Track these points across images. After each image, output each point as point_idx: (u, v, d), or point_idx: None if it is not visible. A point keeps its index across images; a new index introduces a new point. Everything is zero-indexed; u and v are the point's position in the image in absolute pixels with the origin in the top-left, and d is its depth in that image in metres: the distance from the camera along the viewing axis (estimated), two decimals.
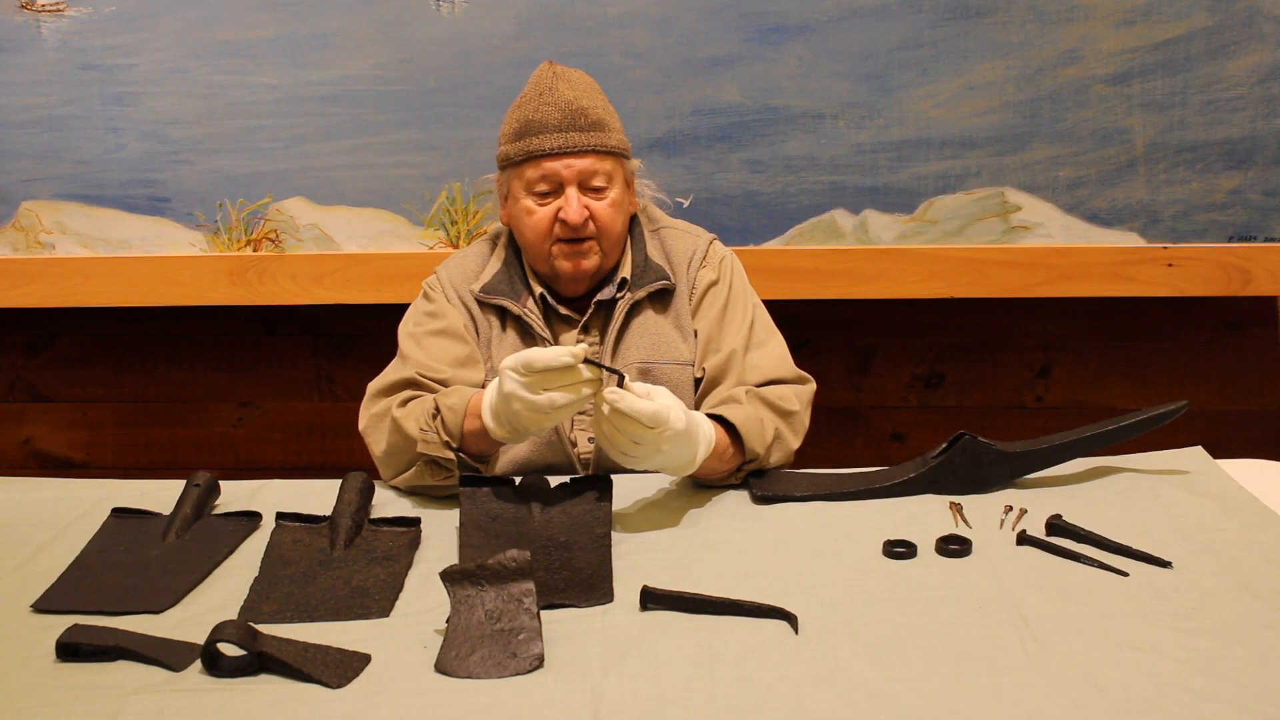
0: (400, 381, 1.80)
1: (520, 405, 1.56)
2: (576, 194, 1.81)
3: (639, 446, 1.55)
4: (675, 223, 1.98)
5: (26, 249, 2.57)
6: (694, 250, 1.92)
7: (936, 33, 2.37)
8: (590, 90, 1.85)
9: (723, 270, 1.92)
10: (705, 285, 1.90)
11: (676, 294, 1.90)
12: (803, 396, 1.84)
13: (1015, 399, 2.71)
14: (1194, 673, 1.19)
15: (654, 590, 1.37)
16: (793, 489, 1.68)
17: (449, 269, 1.94)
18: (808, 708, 1.15)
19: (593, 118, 1.81)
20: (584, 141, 1.80)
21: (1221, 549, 1.46)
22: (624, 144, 1.87)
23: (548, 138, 1.79)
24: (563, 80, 1.83)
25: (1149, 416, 1.69)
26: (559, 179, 1.81)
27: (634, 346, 1.87)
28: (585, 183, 1.81)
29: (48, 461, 2.88)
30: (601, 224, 1.82)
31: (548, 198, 1.82)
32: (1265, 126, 2.38)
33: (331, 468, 2.81)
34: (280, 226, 2.54)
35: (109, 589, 1.45)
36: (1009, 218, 2.46)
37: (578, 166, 1.80)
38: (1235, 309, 2.61)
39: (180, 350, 2.80)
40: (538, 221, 1.82)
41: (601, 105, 1.84)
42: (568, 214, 1.80)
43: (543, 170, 1.80)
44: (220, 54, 2.45)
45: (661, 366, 1.86)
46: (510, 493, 1.62)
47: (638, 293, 1.87)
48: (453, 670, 1.23)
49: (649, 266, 1.89)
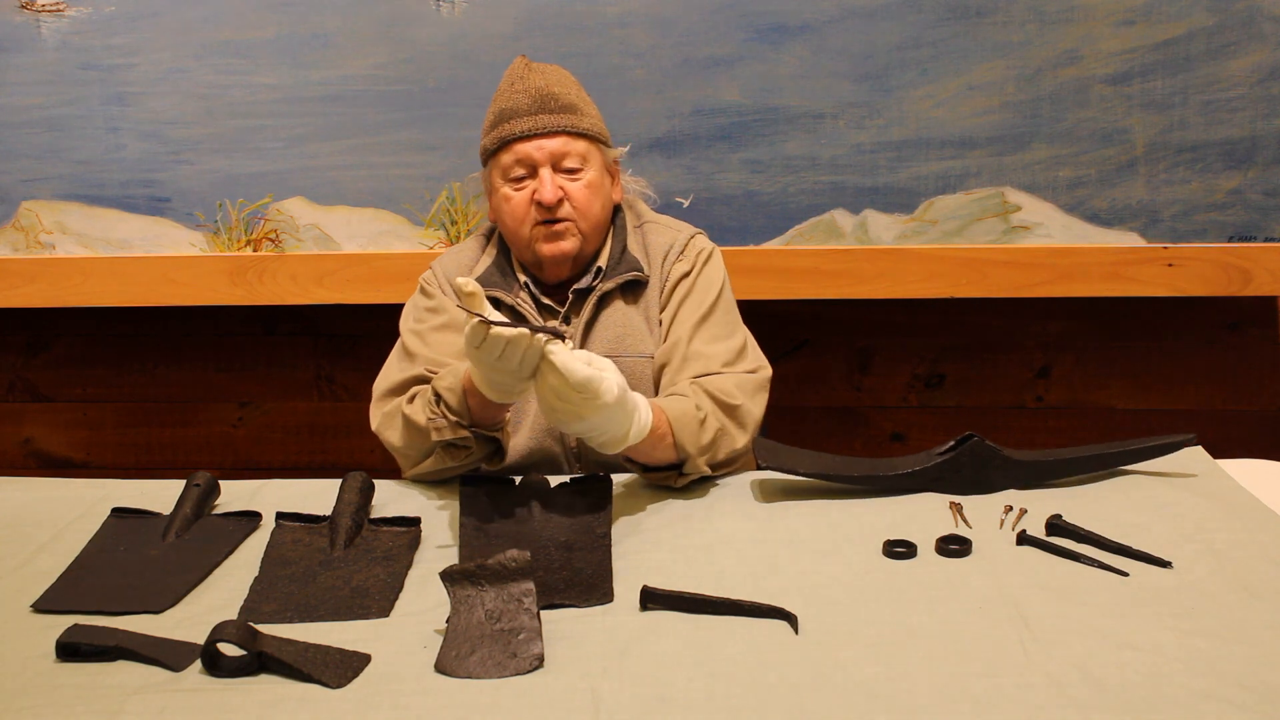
0: (409, 380, 1.81)
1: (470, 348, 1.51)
2: (550, 174, 1.82)
3: (563, 406, 1.50)
4: (660, 218, 1.99)
5: (26, 249, 2.57)
6: (672, 244, 1.93)
7: (936, 33, 2.37)
8: (563, 79, 1.87)
9: (696, 262, 1.91)
10: (677, 277, 1.90)
11: (649, 286, 1.91)
12: (745, 386, 1.79)
13: (1015, 399, 2.71)
14: (1194, 673, 1.19)
15: (654, 590, 1.37)
16: (797, 464, 1.68)
17: (444, 264, 1.96)
18: (808, 708, 1.15)
19: (563, 101, 1.83)
20: (554, 123, 1.82)
21: (1221, 549, 1.46)
22: (599, 129, 1.88)
23: (518, 122, 1.82)
24: (535, 71, 1.86)
25: (1157, 445, 1.70)
26: (532, 161, 1.82)
27: (601, 338, 1.88)
28: (558, 164, 1.83)
29: (48, 461, 2.88)
30: (578, 204, 1.83)
31: (523, 182, 1.84)
32: (1265, 126, 2.38)
33: (331, 468, 2.81)
34: (280, 226, 2.54)
35: (109, 589, 1.45)
36: (1009, 218, 2.46)
37: (549, 147, 1.82)
38: (1235, 309, 2.61)
39: (180, 350, 2.80)
40: (515, 206, 1.84)
41: (574, 93, 1.86)
42: (541, 194, 1.81)
43: (516, 154, 1.82)
44: (220, 54, 2.45)
45: (625, 359, 1.86)
46: (510, 493, 1.62)
47: (608, 283, 1.88)
48: (453, 670, 1.23)
49: (625, 258, 1.90)
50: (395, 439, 1.78)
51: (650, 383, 1.87)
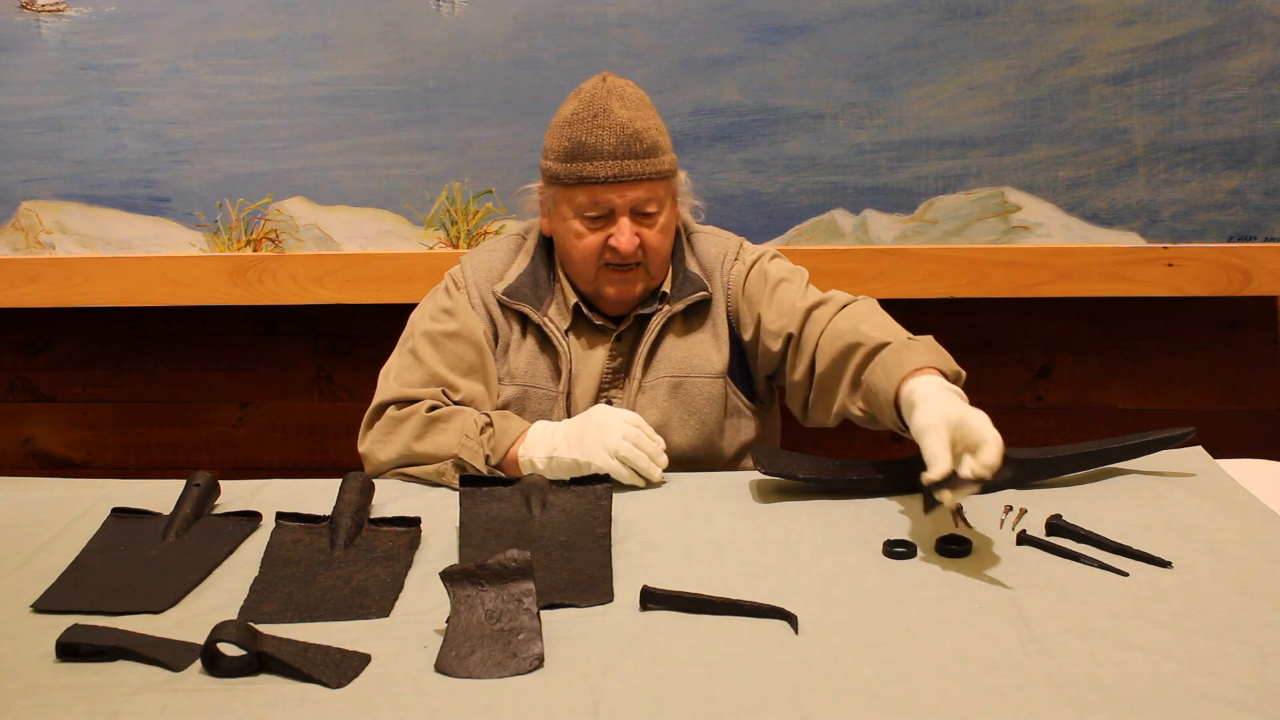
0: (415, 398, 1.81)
1: (605, 432, 1.68)
2: (629, 223, 1.78)
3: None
4: (705, 228, 1.97)
5: (26, 249, 2.57)
6: (724, 253, 1.91)
7: (936, 33, 2.37)
8: (643, 109, 1.80)
9: (761, 256, 1.91)
10: (741, 278, 1.89)
11: (713, 302, 1.89)
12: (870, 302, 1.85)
13: (1015, 399, 2.71)
14: (1194, 673, 1.19)
15: (654, 590, 1.37)
16: (796, 469, 1.68)
17: (474, 264, 1.92)
18: (808, 708, 1.15)
19: (648, 143, 1.77)
20: (639, 170, 1.76)
21: (1221, 549, 1.46)
22: (674, 163, 1.84)
23: (602, 165, 1.75)
24: (616, 98, 1.78)
25: (1156, 439, 1.70)
26: (611, 206, 1.78)
27: (666, 360, 1.86)
28: (638, 209, 1.79)
29: (48, 461, 2.88)
30: (651, 250, 1.81)
31: (598, 222, 1.79)
32: (1265, 126, 2.38)
33: (331, 468, 2.81)
34: (280, 226, 2.54)
35: (109, 589, 1.45)
36: (1009, 218, 2.46)
37: (631, 196, 1.77)
38: (1235, 309, 2.61)
39: (180, 350, 2.80)
40: (587, 246, 1.80)
41: (654, 124, 1.80)
42: (619, 243, 1.77)
43: (594, 196, 1.77)
44: (220, 54, 2.45)
45: (692, 380, 1.86)
46: (510, 493, 1.62)
47: (675, 306, 1.86)
48: (453, 670, 1.23)
49: (688, 279, 1.88)
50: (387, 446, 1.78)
51: (719, 401, 1.87)
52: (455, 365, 1.84)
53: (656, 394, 1.86)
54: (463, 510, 1.59)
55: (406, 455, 1.77)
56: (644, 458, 1.68)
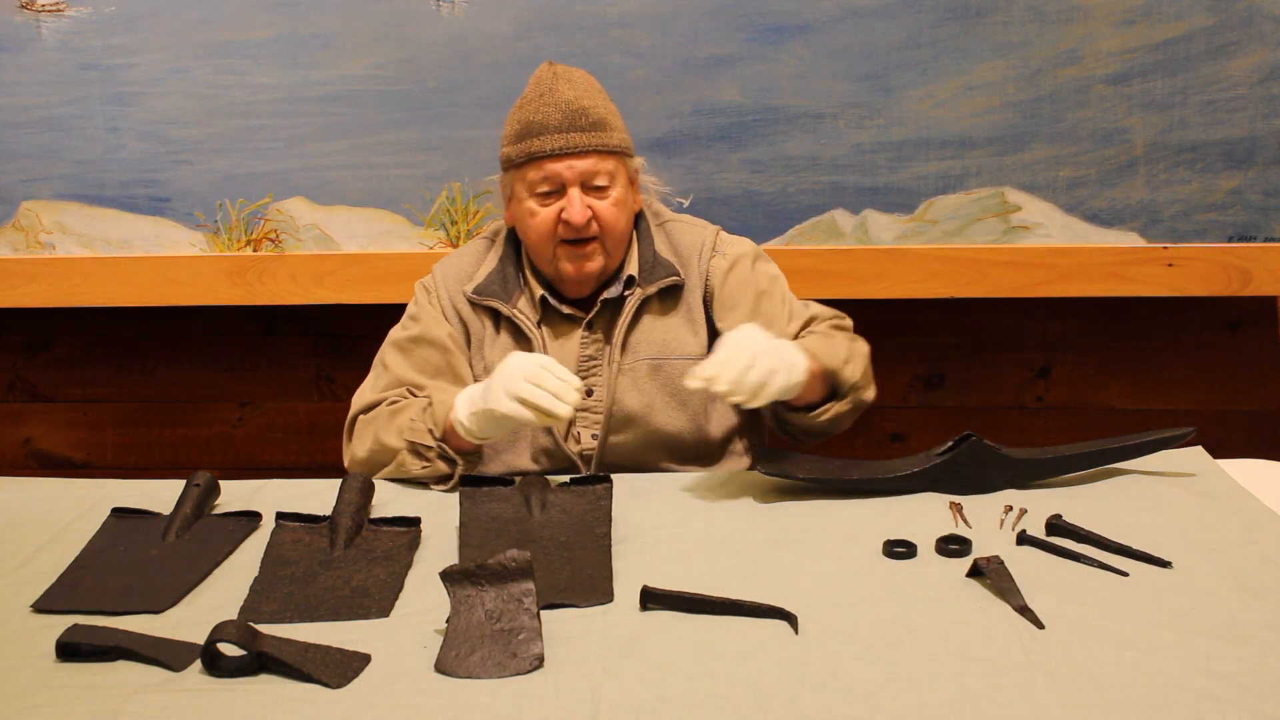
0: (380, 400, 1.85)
1: (507, 378, 1.64)
2: (579, 194, 1.80)
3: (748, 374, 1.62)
4: (681, 217, 1.98)
5: (26, 249, 2.57)
6: (703, 242, 1.92)
7: (936, 33, 2.37)
8: (591, 89, 1.84)
9: (737, 259, 1.92)
10: (722, 274, 1.90)
11: (687, 288, 1.90)
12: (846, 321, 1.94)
13: (1015, 399, 2.71)
14: (1194, 673, 1.19)
15: (654, 590, 1.37)
16: (796, 469, 1.68)
17: (444, 269, 1.95)
18: (808, 708, 1.15)
19: (594, 117, 1.81)
20: (585, 142, 1.80)
21: (1221, 549, 1.46)
22: (626, 142, 1.86)
23: (549, 139, 1.79)
24: (563, 80, 1.83)
25: (1156, 439, 1.70)
26: (561, 180, 1.80)
27: (643, 342, 1.87)
28: (588, 183, 1.81)
29: (48, 461, 2.88)
30: (605, 224, 1.82)
31: (550, 198, 1.82)
32: (1265, 126, 2.38)
33: (331, 468, 2.81)
34: (280, 226, 2.54)
35: (109, 589, 1.45)
36: (1009, 218, 2.46)
37: (579, 167, 1.80)
38: (1235, 309, 2.61)
39: (180, 350, 2.80)
40: (541, 223, 1.82)
41: (603, 104, 1.84)
42: (570, 215, 1.80)
43: (544, 171, 1.80)
44: (220, 54, 2.45)
45: (672, 362, 1.86)
46: (510, 493, 1.62)
47: (648, 289, 1.87)
48: (453, 670, 1.23)
49: (658, 262, 1.89)
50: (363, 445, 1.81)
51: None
52: (422, 368, 1.87)
53: (637, 376, 1.87)
54: (463, 510, 1.59)
55: (376, 450, 1.80)
56: (545, 396, 1.61)
